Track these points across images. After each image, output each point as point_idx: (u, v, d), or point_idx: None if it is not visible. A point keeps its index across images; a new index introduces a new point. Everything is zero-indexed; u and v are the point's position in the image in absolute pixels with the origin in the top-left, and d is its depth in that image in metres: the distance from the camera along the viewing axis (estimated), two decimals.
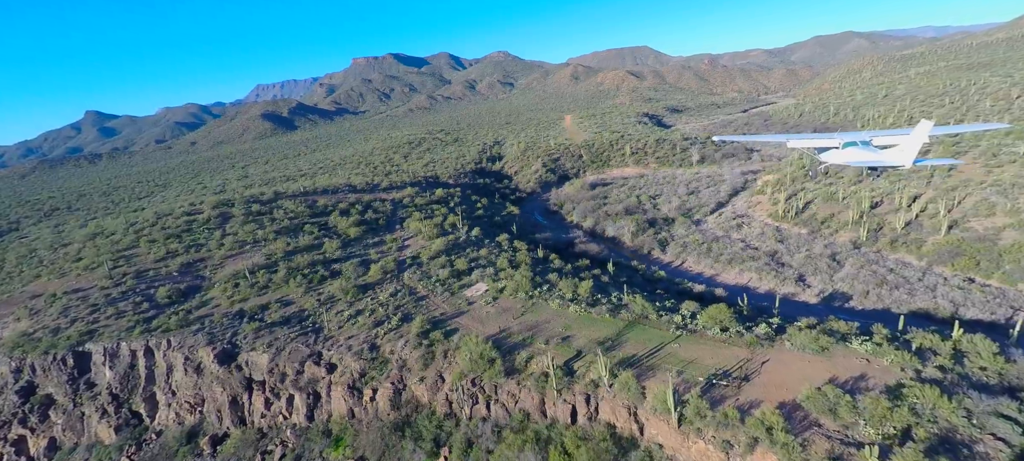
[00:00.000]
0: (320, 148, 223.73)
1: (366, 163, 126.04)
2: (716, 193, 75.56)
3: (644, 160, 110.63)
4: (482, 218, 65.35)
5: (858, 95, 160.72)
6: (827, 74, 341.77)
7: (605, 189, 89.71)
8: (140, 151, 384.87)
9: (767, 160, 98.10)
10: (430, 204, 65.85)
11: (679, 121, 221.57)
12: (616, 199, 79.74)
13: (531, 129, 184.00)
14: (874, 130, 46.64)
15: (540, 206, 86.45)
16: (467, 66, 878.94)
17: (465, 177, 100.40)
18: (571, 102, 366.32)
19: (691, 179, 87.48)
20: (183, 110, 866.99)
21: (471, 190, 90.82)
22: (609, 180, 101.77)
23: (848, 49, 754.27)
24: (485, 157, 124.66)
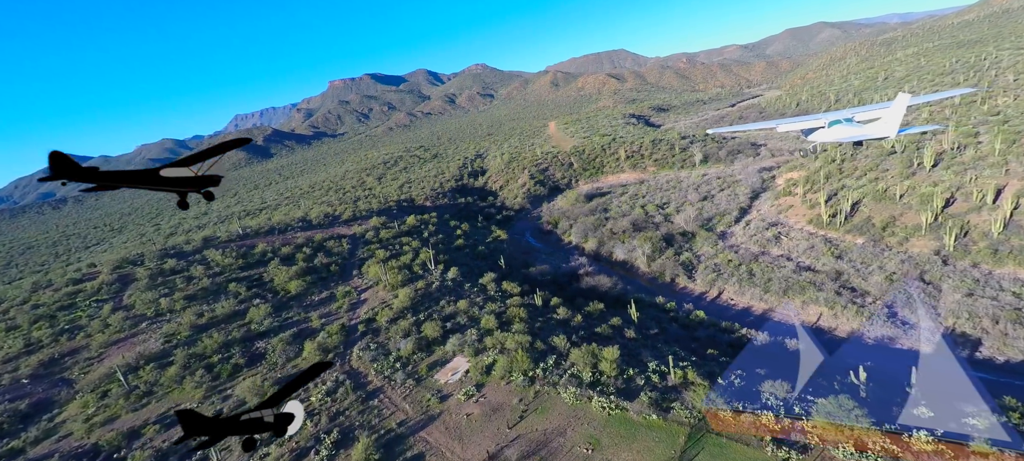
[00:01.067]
0: (293, 175, 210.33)
1: (336, 189, 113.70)
2: (734, 197, 65.15)
3: (641, 164, 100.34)
4: (462, 250, 53.64)
5: (854, 80, 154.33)
6: (809, 63, 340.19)
7: (603, 199, 78.86)
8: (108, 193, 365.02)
9: (778, 155, 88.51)
10: (399, 238, 53.93)
11: (667, 120, 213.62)
12: (619, 212, 68.87)
13: (514, 139, 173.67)
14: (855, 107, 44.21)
15: (531, 226, 75.14)
16: (445, 80, 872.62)
17: (444, 197, 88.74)
18: (553, 108, 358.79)
19: (699, 182, 77.13)
20: (159, 146, 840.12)
21: (451, 213, 79.15)
22: (606, 188, 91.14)
23: (821, 39, 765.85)
24: (466, 172, 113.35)
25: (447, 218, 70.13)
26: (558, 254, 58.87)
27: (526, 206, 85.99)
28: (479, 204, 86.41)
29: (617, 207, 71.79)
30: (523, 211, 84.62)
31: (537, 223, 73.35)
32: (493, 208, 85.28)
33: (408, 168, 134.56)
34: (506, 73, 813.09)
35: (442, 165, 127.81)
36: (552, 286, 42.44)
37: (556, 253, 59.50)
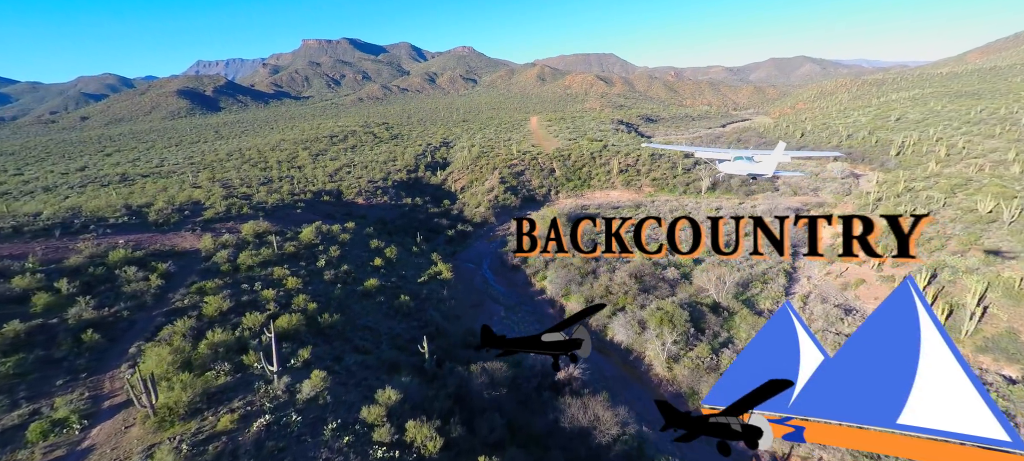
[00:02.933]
0: (229, 136, 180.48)
1: (255, 162, 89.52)
2: (767, 249, 48.07)
3: (636, 181, 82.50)
4: (373, 298, 32.94)
5: (858, 117, 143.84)
6: (797, 94, 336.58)
7: (592, 226, 60.26)
8: (11, 125, 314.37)
9: (804, 192, 72.72)
10: (268, 266, 32.69)
11: (656, 131, 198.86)
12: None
13: (491, 129, 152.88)
14: (754, 148, 45.81)
15: (493, 251, 55.27)
16: (429, 58, 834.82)
17: (385, 195, 67.33)
18: (537, 103, 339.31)
19: (714, 217, 59.93)
20: (98, 80, 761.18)
21: (386, 220, 58.18)
22: (592, 208, 72.64)
23: (801, 72, 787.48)
24: (424, 163, 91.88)
25: (372, 232, 49.16)
26: (523, 311, 39.48)
27: (490, 219, 66.01)
28: (429, 210, 65.56)
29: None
30: (485, 226, 64.63)
31: (501, 250, 53.50)
32: (447, 218, 64.72)
33: (357, 147, 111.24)
34: (492, 60, 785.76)
35: (399, 149, 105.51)
36: (509, 407, 22.99)
37: (520, 308, 40.09)
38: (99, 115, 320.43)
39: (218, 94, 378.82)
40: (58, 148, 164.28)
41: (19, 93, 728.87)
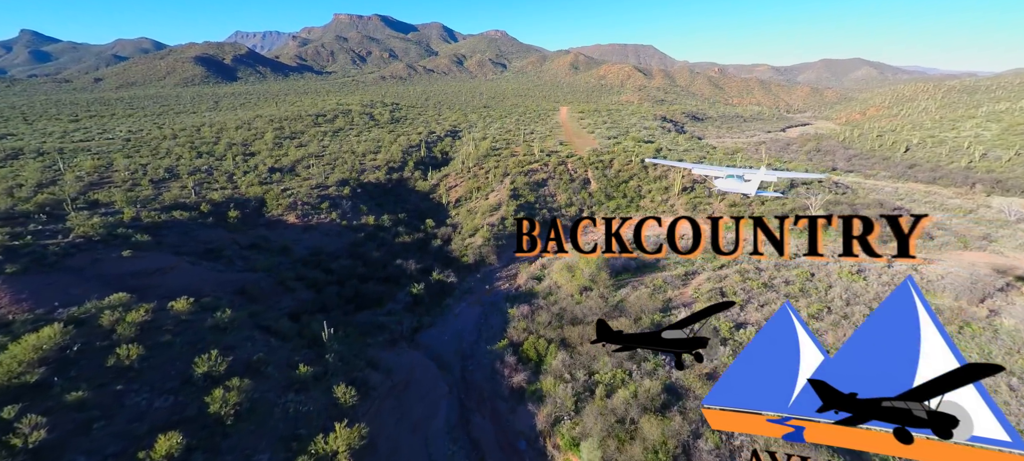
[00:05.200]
0: (226, 108, 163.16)
1: (198, 146, 69.17)
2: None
3: (705, 204, 58.01)
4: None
5: (978, 130, 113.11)
6: (867, 98, 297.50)
7: (653, 297, 36.20)
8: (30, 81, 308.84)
9: (978, 245, 46.74)
10: None
11: (706, 132, 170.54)
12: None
13: (512, 118, 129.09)
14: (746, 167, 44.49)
15: (486, 320, 32.23)
16: (460, 40, 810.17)
17: (336, 208, 45.09)
18: (569, 92, 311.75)
19: (858, 293, 35.37)
20: (134, 44, 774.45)
21: (320, 258, 36.03)
22: (648, 257, 48.70)
23: (857, 76, 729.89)
24: (415, 158, 69.34)
25: (263, 293, 27.11)
26: None
27: (489, 257, 43.09)
28: (398, 239, 42.90)
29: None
30: (481, 269, 41.83)
31: (497, 346, 30.09)
32: (421, 253, 42.25)
33: (342, 132, 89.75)
34: (524, 45, 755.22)
35: (391, 137, 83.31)
36: None
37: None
38: (114, 77, 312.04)
39: (237, 63, 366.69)
40: (36, 108, 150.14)
41: (59, 52, 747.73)
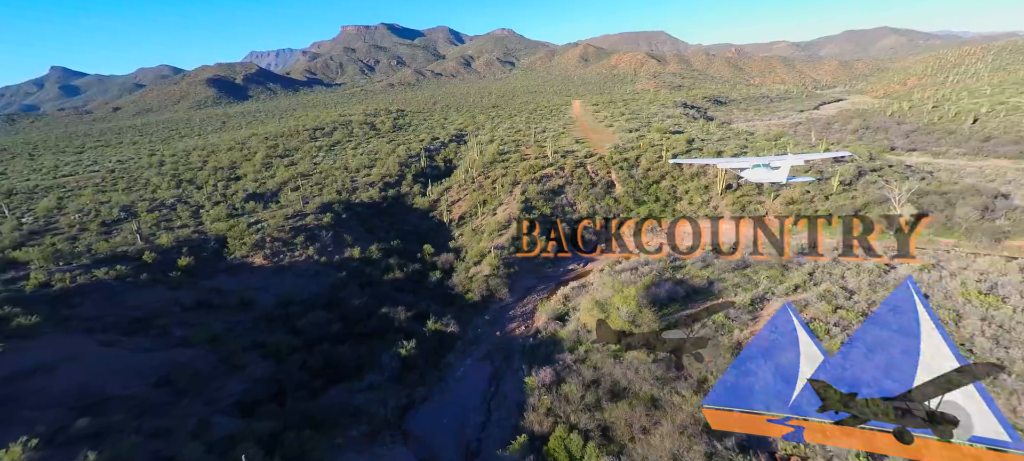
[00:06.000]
0: (238, 125, 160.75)
1: (181, 173, 63.63)
2: None
3: (755, 204, 48.69)
4: None
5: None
6: (908, 68, 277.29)
7: (730, 352, 27.67)
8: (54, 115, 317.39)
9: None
10: None
11: (732, 116, 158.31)
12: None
13: (522, 116, 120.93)
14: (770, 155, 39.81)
15: (494, 452, 24.44)
16: (466, 41, 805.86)
17: (313, 243, 37.90)
18: (580, 85, 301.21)
19: None
20: (155, 72, 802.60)
21: (289, 311, 28.87)
22: (696, 273, 39.63)
23: (884, 45, 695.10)
24: (414, 169, 61.97)
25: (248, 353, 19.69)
26: None
27: (499, 291, 35.15)
28: (389, 275, 35.44)
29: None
30: (490, 306, 34.03)
31: (516, 433, 22.15)
32: (418, 290, 34.79)
33: (339, 145, 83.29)
34: (532, 41, 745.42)
35: (390, 147, 76.35)
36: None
37: None
38: (131, 105, 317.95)
39: (248, 82, 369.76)
40: (49, 142, 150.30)
41: (86, 86, 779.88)
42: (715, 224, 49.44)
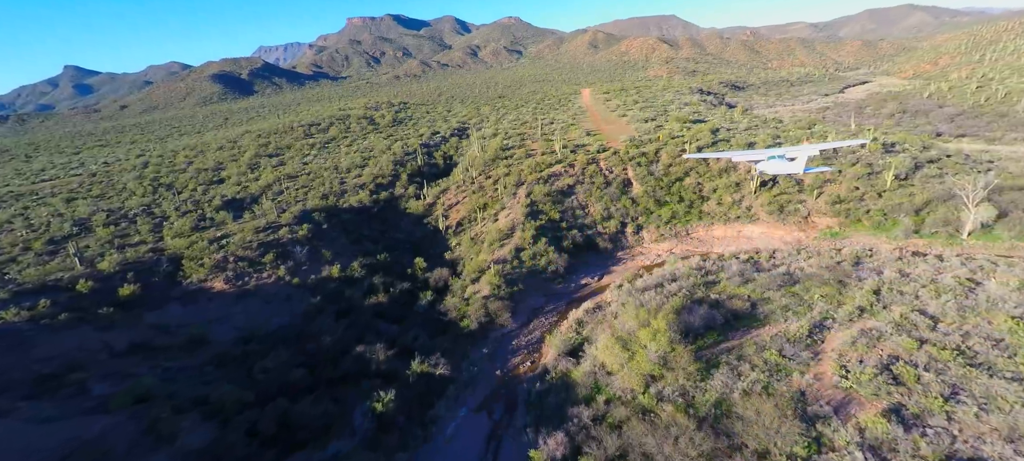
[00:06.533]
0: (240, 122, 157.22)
1: (162, 177, 59.38)
2: None
3: (795, 204, 42.37)
4: None
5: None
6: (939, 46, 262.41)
7: (791, 408, 22.09)
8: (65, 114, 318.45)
9: None
10: None
11: (752, 102, 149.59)
12: None
13: (528, 108, 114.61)
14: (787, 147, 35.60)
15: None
16: (473, 30, 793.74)
17: (286, 262, 32.95)
18: (590, 73, 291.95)
19: None
20: (164, 69, 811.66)
21: (250, 344, 24.02)
22: (746, 312, 33.69)
23: (909, 23, 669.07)
24: (409, 168, 56.67)
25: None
26: None
27: (500, 317, 29.75)
28: (371, 299, 30.38)
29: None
30: (489, 335, 28.76)
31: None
32: (411, 315, 29.78)
33: (334, 141, 78.26)
34: (539, 29, 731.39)
35: (386, 143, 71.10)
36: None
37: None
38: (138, 103, 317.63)
39: (253, 77, 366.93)
40: (51, 143, 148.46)
41: (99, 84, 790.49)
42: (750, 228, 43.63)
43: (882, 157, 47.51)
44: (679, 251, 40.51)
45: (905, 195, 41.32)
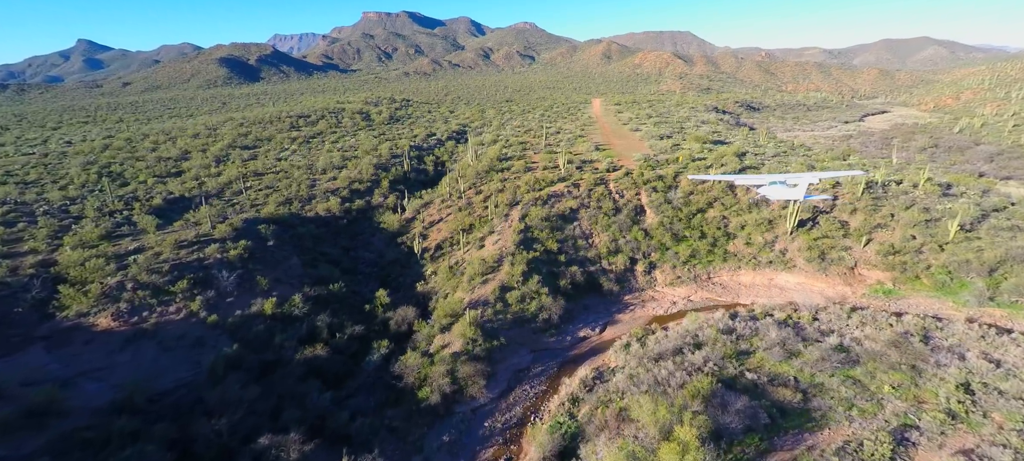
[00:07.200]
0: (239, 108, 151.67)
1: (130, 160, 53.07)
2: None
3: (837, 252, 35.44)
4: None
5: None
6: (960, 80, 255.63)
7: None
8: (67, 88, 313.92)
9: None
10: None
11: (769, 124, 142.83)
12: None
13: (535, 114, 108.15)
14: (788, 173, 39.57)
15: None
16: (487, 33, 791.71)
17: (205, 292, 26.36)
18: (601, 83, 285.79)
19: None
20: (177, 49, 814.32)
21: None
22: (798, 407, 26.82)
23: (924, 56, 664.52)
24: (393, 173, 50.07)
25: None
26: None
27: (471, 386, 22.92)
28: (302, 358, 23.66)
29: None
30: (454, 412, 21.89)
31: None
32: (354, 375, 22.90)
33: (319, 137, 71.82)
34: (553, 36, 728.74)
35: (374, 142, 64.62)
36: None
37: None
38: (142, 81, 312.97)
39: (261, 64, 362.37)
40: (35, 116, 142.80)
41: (110, 60, 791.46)
42: (785, 276, 36.75)
43: (939, 200, 40.66)
44: (698, 299, 33.69)
45: (972, 250, 34.45)
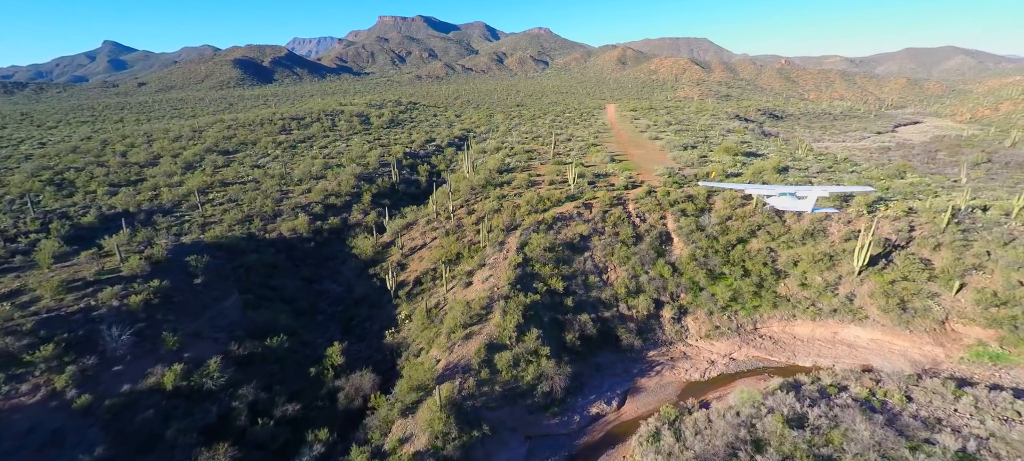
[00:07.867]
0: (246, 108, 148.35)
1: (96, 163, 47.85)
2: None
3: (923, 301, 27.80)
4: None
5: None
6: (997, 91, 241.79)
7: None
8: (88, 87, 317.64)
9: None
10: None
11: (795, 133, 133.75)
12: None
13: (545, 120, 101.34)
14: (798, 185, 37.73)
15: None
16: (502, 38, 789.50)
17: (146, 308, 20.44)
18: (616, 89, 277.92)
19: None
20: (198, 51, 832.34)
21: None
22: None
23: (950, 66, 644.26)
24: (376, 186, 43.71)
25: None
26: None
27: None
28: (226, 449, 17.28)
29: None
30: None
31: None
32: None
33: (309, 141, 66.12)
34: (568, 41, 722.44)
35: (365, 148, 58.51)
36: None
37: None
38: (156, 81, 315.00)
39: (275, 66, 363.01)
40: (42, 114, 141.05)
41: (134, 61, 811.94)
42: (853, 330, 29.25)
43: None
44: (743, 358, 26.45)
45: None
